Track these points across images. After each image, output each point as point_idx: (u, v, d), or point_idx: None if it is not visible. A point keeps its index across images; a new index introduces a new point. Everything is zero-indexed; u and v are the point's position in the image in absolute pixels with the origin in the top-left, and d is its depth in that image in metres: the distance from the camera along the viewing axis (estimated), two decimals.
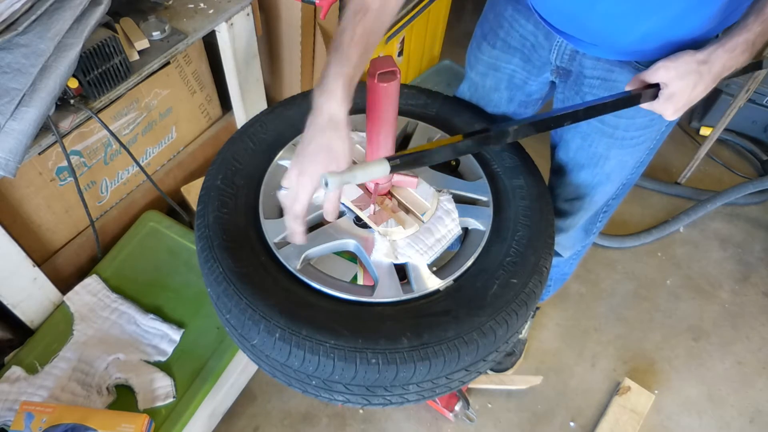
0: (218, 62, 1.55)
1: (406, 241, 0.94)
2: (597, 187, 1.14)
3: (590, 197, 1.16)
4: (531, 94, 1.13)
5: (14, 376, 1.28)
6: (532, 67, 1.07)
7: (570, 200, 1.20)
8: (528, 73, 1.08)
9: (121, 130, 1.50)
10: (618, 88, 0.96)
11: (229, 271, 0.87)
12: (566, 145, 1.12)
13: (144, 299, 1.44)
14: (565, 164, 1.15)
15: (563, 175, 1.17)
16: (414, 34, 2.08)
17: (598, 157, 1.08)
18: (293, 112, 1.11)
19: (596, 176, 1.12)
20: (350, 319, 0.84)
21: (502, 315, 0.86)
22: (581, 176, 1.14)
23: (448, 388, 0.89)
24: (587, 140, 1.07)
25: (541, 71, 1.07)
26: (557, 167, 1.18)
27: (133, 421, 1.18)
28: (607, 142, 1.04)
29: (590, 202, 1.18)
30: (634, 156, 1.08)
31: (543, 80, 1.09)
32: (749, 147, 2.34)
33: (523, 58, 1.07)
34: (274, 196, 1.01)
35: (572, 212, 1.21)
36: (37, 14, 1.02)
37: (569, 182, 1.17)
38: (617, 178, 1.12)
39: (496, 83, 1.13)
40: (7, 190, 1.30)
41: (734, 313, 1.92)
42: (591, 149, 1.07)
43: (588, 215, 1.22)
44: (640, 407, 1.65)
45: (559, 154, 1.16)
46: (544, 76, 1.08)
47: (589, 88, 1.00)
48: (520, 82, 1.11)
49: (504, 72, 1.10)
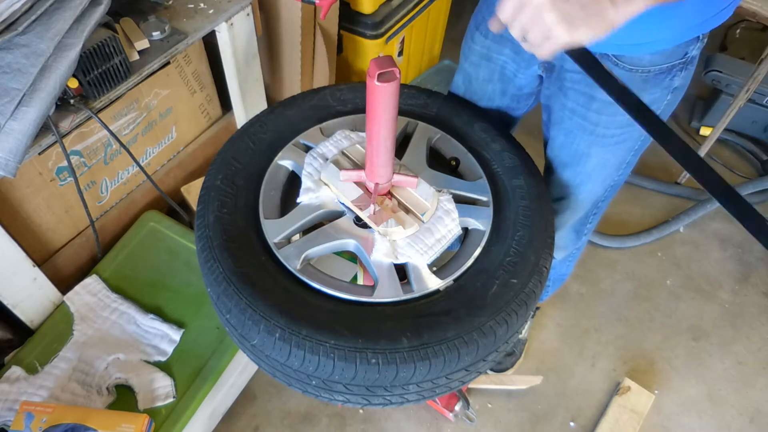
0: (218, 62, 1.55)
1: (406, 241, 0.94)
2: (580, 187, 1.14)
3: (575, 197, 1.17)
4: (521, 88, 1.14)
5: (14, 376, 1.28)
6: (521, 60, 1.07)
7: (556, 200, 1.21)
8: (518, 66, 1.09)
9: (121, 130, 1.50)
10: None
11: (229, 271, 0.87)
12: (552, 142, 1.13)
13: (144, 299, 1.44)
14: (551, 162, 1.17)
15: (550, 174, 1.18)
16: (414, 34, 2.08)
17: (579, 155, 1.08)
18: (293, 112, 1.11)
19: (578, 175, 1.12)
20: (350, 319, 0.84)
21: (502, 315, 0.86)
22: (565, 175, 1.15)
23: (448, 388, 0.89)
24: (569, 137, 1.07)
25: (530, 64, 1.07)
26: (547, 165, 1.20)
27: (133, 421, 1.18)
28: (588, 139, 1.04)
29: (575, 202, 1.18)
30: (616, 155, 1.08)
31: (532, 73, 1.09)
32: (749, 147, 2.34)
33: (513, 49, 1.07)
34: (274, 196, 1.01)
35: (560, 211, 1.22)
36: (37, 14, 1.02)
37: (554, 181, 1.18)
38: (599, 178, 1.13)
39: (489, 74, 1.13)
40: (7, 190, 1.30)
41: (734, 313, 1.92)
42: (573, 146, 1.08)
43: (576, 216, 1.23)
44: (640, 407, 1.65)
45: (547, 152, 1.18)
46: (532, 68, 1.08)
47: (571, 83, 1.00)
48: (511, 75, 1.11)
49: (496, 63, 1.11)
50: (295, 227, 0.95)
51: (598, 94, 0.97)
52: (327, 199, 0.99)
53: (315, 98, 1.14)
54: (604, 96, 0.96)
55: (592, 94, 0.98)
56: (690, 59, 0.93)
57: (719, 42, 2.50)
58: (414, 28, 2.06)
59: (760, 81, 1.80)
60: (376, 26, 1.84)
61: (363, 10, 1.82)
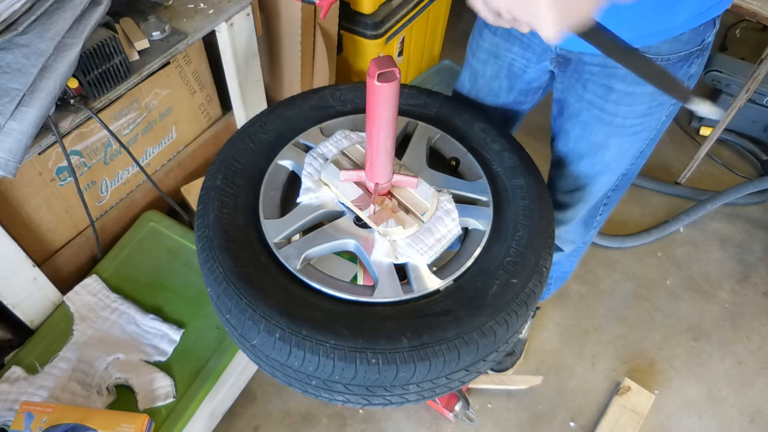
0: (218, 62, 1.55)
1: (406, 241, 0.94)
2: (597, 177, 1.14)
3: (590, 187, 1.17)
4: (530, 82, 1.14)
5: (14, 376, 1.28)
6: (531, 54, 1.07)
7: (570, 192, 1.20)
8: (527, 61, 1.09)
9: (121, 130, 1.50)
10: (616, 75, 0.96)
11: (229, 271, 0.87)
12: (566, 135, 1.12)
13: (144, 299, 1.44)
14: (565, 155, 1.16)
15: (563, 166, 1.17)
16: (414, 34, 2.08)
17: (597, 146, 1.08)
18: (293, 112, 1.11)
19: (596, 165, 1.12)
20: (350, 319, 0.84)
21: (502, 315, 0.86)
22: (581, 166, 1.14)
23: (448, 388, 0.89)
24: (587, 129, 1.07)
25: (541, 59, 1.07)
26: (557, 159, 1.19)
27: (133, 421, 1.18)
28: (607, 130, 1.04)
29: (590, 193, 1.18)
30: (634, 145, 1.08)
31: (542, 68, 1.09)
32: (749, 147, 2.34)
33: (522, 46, 1.07)
34: (274, 196, 1.01)
35: (572, 204, 1.22)
36: (37, 14, 1.02)
37: (569, 173, 1.17)
38: (617, 167, 1.13)
39: (497, 71, 1.13)
40: (7, 190, 1.30)
41: (734, 313, 1.92)
42: (591, 138, 1.08)
43: (588, 207, 1.23)
44: (640, 407, 1.65)
45: (559, 146, 1.17)
46: (543, 63, 1.08)
47: (590, 74, 1.00)
48: (519, 71, 1.11)
49: (504, 59, 1.11)
50: (295, 227, 0.95)
51: (617, 85, 0.97)
52: (327, 199, 0.99)
53: (315, 98, 1.14)
54: (622, 87, 0.96)
55: (611, 86, 0.98)
56: (706, 46, 0.94)
57: (719, 42, 2.51)
58: (414, 28, 2.06)
59: (760, 81, 1.80)
60: (376, 26, 1.84)
61: (363, 10, 1.82)
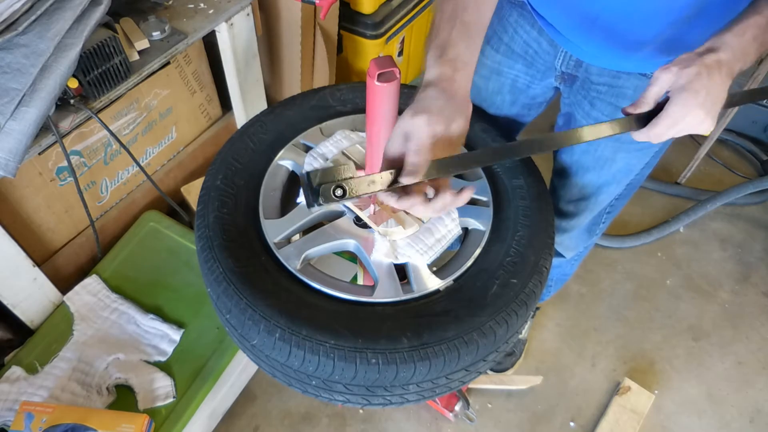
0: (218, 62, 1.55)
1: (406, 241, 0.94)
2: (603, 187, 1.14)
3: (595, 197, 1.16)
4: (535, 98, 1.13)
5: (14, 376, 1.28)
6: (535, 72, 1.07)
7: (574, 201, 1.19)
8: (531, 78, 1.08)
9: (121, 130, 1.50)
10: (624, 95, 0.96)
11: (229, 271, 0.87)
12: (571, 148, 1.11)
13: (144, 299, 1.44)
14: (569, 166, 1.15)
15: (567, 176, 1.16)
16: (414, 34, 2.08)
17: (604, 160, 1.07)
18: (293, 112, 1.11)
19: (602, 177, 1.11)
20: (350, 319, 0.84)
21: (502, 315, 0.86)
22: (587, 177, 1.13)
23: (448, 388, 0.89)
24: (593, 144, 1.05)
25: (545, 76, 1.06)
26: (561, 169, 1.18)
27: (133, 421, 1.18)
28: (614, 146, 1.04)
29: (595, 202, 1.17)
30: (642, 159, 1.07)
31: (547, 85, 1.09)
32: (749, 147, 2.34)
33: (525, 63, 1.06)
34: (274, 196, 1.01)
35: (576, 213, 1.21)
36: (37, 14, 1.02)
37: (574, 183, 1.16)
38: (623, 178, 1.12)
39: (499, 87, 1.13)
40: (7, 190, 1.30)
41: (734, 313, 1.92)
42: (597, 153, 1.07)
43: (592, 215, 1.22)
44: (640, 407, 1.65)
45: (563, 157, 1.16)
46: (547, 81, 1.07)
47: (597, 93, 1.00)
48: (523, 86, 1.10)
49: (507, 77, 1.10)
50: (295, 227, 0.95)
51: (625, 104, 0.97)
52: None
53: (315, 98, 1.14)
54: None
55: (618, 105, 0.98)
56: None
57: None
58: (414, 28, 2.06)
59: (760, 81, 1.80)
60: (376, 26, 1.84)
61: (363, 10, 1.82)
